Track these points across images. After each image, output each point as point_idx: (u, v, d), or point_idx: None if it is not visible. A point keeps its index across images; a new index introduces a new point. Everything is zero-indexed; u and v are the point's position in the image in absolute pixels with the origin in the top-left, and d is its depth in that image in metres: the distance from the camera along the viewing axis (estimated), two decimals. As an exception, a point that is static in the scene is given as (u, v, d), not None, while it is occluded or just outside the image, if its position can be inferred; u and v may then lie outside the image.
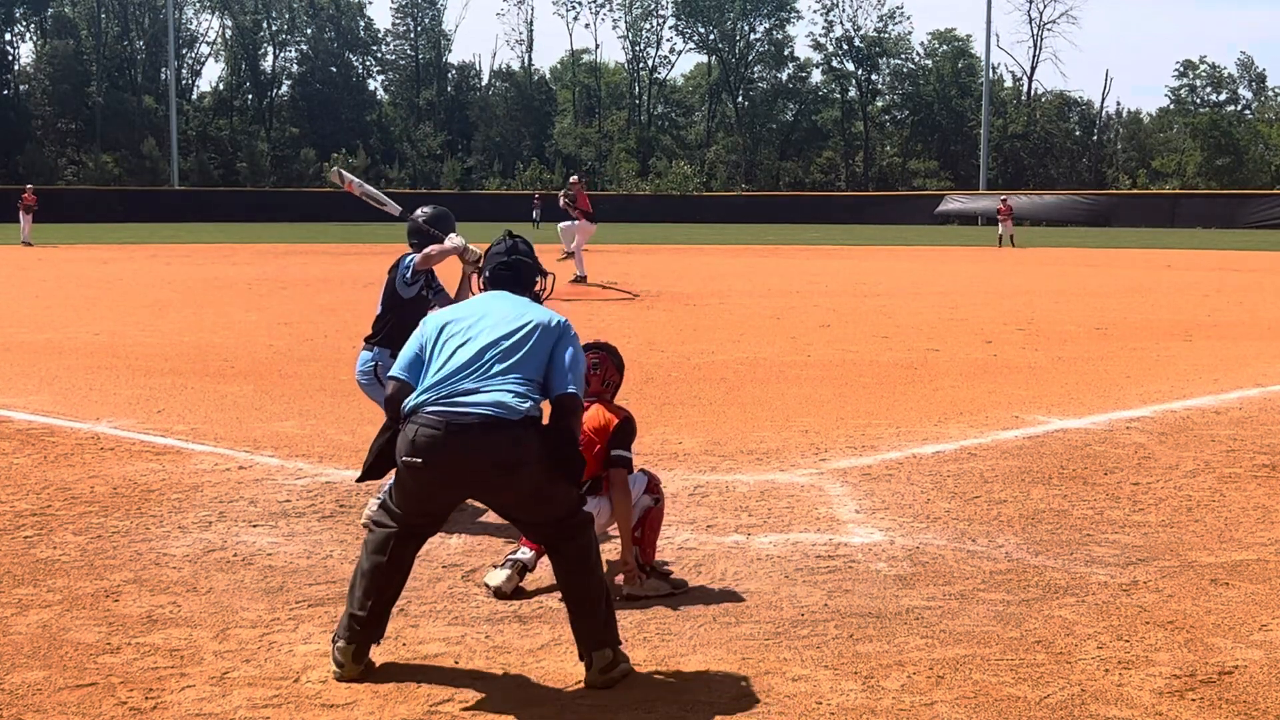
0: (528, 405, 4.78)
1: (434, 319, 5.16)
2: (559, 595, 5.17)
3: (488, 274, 5.37)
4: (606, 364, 6.11)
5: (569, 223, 25.72)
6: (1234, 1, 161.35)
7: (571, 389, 4.91)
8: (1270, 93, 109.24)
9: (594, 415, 5.91)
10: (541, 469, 4.78)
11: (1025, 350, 15.18)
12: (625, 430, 5.92)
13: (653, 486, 6.07)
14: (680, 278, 27.85)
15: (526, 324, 4.99)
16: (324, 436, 9.57)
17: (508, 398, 4.76)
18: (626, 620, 5.39)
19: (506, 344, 4.91)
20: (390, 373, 5.08)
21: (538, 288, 5.45)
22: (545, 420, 4.90)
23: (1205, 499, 7.69)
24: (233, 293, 23.96)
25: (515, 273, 5.36)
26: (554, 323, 5.04)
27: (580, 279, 24.36)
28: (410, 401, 4.85)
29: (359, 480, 5.17)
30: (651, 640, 5.22)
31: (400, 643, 5.14)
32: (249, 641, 5.17)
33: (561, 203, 25.94)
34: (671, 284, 25.72)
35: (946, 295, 24.05)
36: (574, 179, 26.50)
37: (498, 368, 4.84)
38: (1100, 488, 7.96)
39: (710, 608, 5.63)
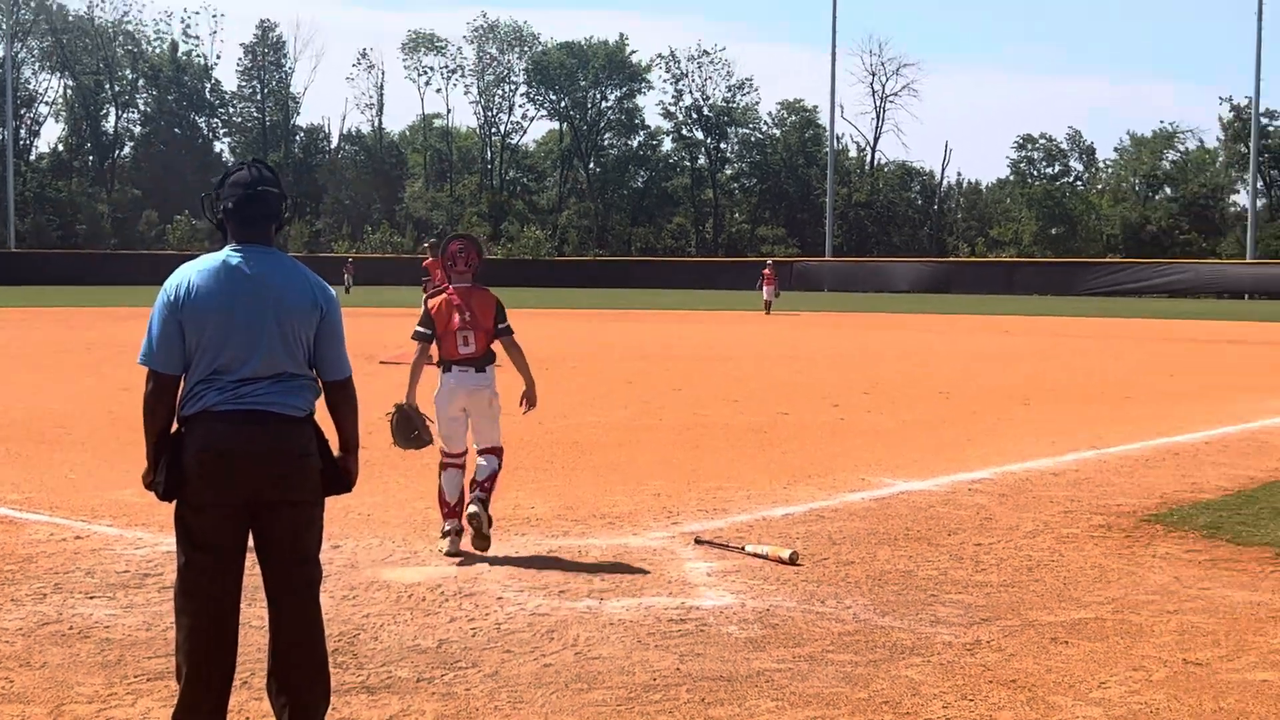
0: (310, 401, 4.57)
1: (180, 293, 4.43)
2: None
3: (230, 205, 4.51)
4: (470, 250, 7.11)
5: None
6: (1064, 72, 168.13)
7: (349, 372, 4.69)
8: (1100, 165, 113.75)
9: (480, 295, 7.29)
10: (317, 476, 4.57)
11: (871, 414, 15.47)
12: (502, 306, 7.53)
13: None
14: (534, 342, 27.75)
15: (301, 300, 4.53)
16: (164, 506, 9.26)
17: (296, 399, 4.51)
18: (478, 690, 5.33)
19: (280, 329, 4.47)
20: (146, 362, 4.46)
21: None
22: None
23: (1045, 559, 7.89)
24: (70, 357, 23.26)
25: (267, 206, 4.58)
26: (322, 292, 4.62)
27: None
28: (191, 403, 4.47)
29: (163, 498, 4.80)
30: (503, 709, 5.16)
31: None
32: (86, 718, 4.99)
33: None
34: (525, 348, 25.66)
35: (794, 360, 24.44)
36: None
37: (279, 359, 4.47)
38: (944, 548, 8.13)
39: (562, 674, 5.59)
